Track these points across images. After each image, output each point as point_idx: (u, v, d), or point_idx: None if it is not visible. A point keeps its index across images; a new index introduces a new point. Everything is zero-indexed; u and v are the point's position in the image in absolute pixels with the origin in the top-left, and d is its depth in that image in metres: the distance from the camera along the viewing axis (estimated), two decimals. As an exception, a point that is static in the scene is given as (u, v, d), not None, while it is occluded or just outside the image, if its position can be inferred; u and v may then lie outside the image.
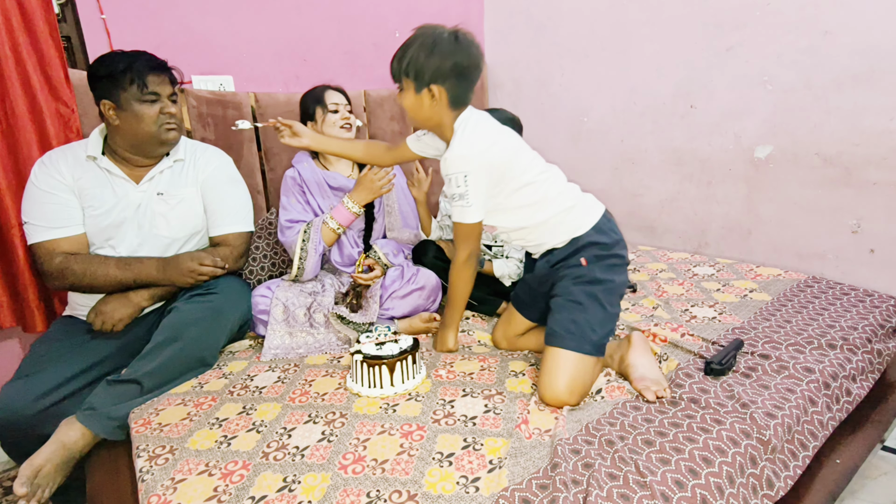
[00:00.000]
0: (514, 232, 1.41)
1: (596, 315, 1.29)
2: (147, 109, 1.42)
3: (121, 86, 1.38)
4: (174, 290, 1.51)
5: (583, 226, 1.35)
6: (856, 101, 1.80)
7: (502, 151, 1.30)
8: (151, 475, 1.07)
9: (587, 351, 1.26)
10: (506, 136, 1.34)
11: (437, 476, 1.02)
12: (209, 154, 1.64)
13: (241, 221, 1.64)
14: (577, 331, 1.27)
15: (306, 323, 1.60)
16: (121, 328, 1.45)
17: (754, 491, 1.03)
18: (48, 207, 1.42)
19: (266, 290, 1.66)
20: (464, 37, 1.26)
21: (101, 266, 1.42)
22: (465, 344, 1.55)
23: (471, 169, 1.26)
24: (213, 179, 1.60)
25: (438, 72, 1.24)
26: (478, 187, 1.28)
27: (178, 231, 1.54)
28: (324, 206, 1.82)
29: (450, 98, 1.28)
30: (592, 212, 1.38)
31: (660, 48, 2.25)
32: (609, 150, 2.53)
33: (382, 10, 2.44)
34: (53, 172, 1.43)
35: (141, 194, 1.50)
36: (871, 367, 1.41)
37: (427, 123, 1.36)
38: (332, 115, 1.78)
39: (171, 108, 1.46)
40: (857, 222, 1.88)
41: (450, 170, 1.28)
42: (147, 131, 1.43)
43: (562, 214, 1.35)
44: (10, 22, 1.49)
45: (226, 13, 2.04)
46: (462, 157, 1.27)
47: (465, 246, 1.37)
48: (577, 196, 1.39)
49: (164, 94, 1.44)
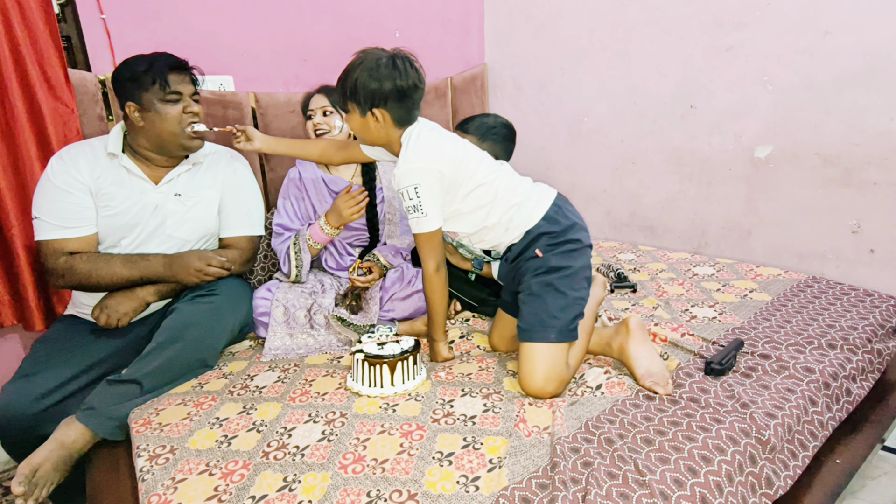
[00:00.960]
0: (474, 235, 1.45)
1: (555, 303, 1.32)
2: (170, 109, 1.43)
3: (143, 87, 1.40)
4: (179, 288, 1.51)
5: (533, 217, 1.38)
6: (856, 101, 1.80)
7: (450, 158, 1.33)
8: (152, 475, 1.07)
9: (553, 339, 1.28)
10: (450, 143, 1.37)
11: (437, 475, 1.02)
12: (228, 157, 1.66)
13: (253, 225, 1.65)
14: (538, 323, 1.31)
15: (307, 324, 1.60)
16: (125, 322, 1.45)
17: (753, 490, 1.03)
18: (62, 206, 1.41)
19: (266, 292, 1.67)
20: (402, 60, 1.31)
21: (107, 264, 1.42)
22: (464, 350, 1.55)
23: (420, 180, 1.30)
24: (230, 181, 1.62)
25: (379, 96, 1.29)
26: (430, 196, 1.31)
27: (190, 233, 1.55)
28: (320, 209, 1.81)
29: (394, 119, 1.33)
30: (542, 201, 1.41)
31: (660, 48, 2.25)
32: (609, 150, 2.53)
33: (382, 10, 2.44)
34: (72, 170, 1.42)
35: (160, 195, 1.51)
36: (871, 367, 1.41)
37: (377, 143, 1.41)
38: (309, 122, 1.78)
39: (194, 108, 1.47)
40: (857, 222, 1.88)
41: (401, 184, 1.33)
42: (171, 131, 1.44)
43: (511, 210, 1.38)
44: (10, 22, 1.49)
45: (226, 13, 2.04)
46: (409, 171, 1.31)
47: (431, 256, 1.39)
48: (526, 190, 1.42)
49: (186, 93, 1.45)
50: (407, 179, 1.31)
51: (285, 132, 2.12)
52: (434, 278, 1.41)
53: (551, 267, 1.35)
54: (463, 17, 2.76)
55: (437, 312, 1.45)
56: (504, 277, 1.53)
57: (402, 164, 1.32)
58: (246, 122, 2.03)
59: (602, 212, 2.64)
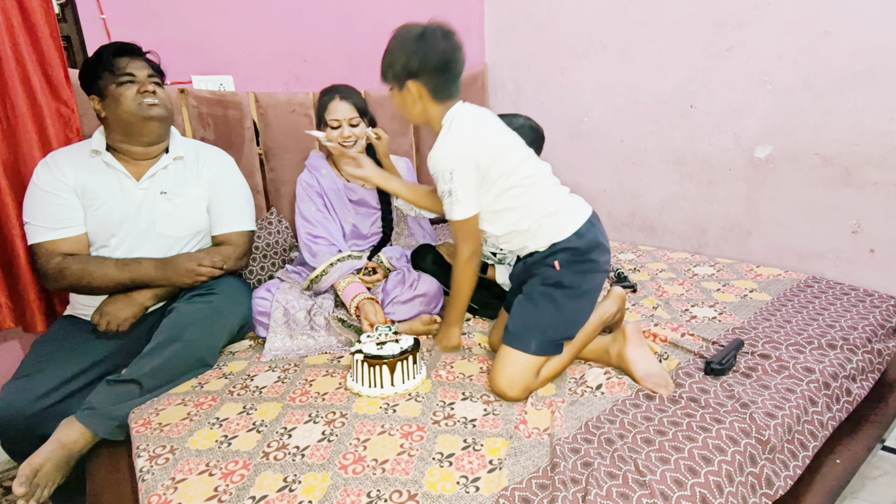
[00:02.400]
0: (502, 237, 1.42)
1: (549, 317, 1.31)
2: (124, 90, 1.43)
3: (97, 76, 1.42)
4: (177, 291, 1.52)
5: (563, 231, 1.35)
6: (856, 101, 1.80)
7: (488, 149, 1.28)
8: (152, 475, 1.07)
9: (531, 350, 1.28)
10: (494, 133, 1.33)
11: (437, 476, 1.02)
12: (212, 153, 1.65)
13: (245, 221, 1.65)
14: (524, 330, 1.30)
15: (307, 325, 1.60)
16: (126, 328, 1.46)
17: (753, 490, 1.03)
18: (49, 208, 1.42)
19: (266, 293, 1.66)
20: (433, 32, 1.28)
21: (99, 267, 1.43)
22: (465, 346, 1.55)
23: (455, 165, 1.26)
24: (217, 178, 1.61)
25: (409, 69, 1.27)
26: (465, 183, 1.27)
27: (182, 230, 1.55)
28: (342, 217, 1.81)
29: (430, 92, 1.29)
30: (577, 216, 1.37)
31: (660, 48, 2.25)
32: (609, 150, 2.53)
33: (382, 10, 2.44)
34: (56, 173, 1.43)
35: (142, 192, 1.51)
36: (871, 367, 1.41)
37: (417, 119, 1.36)
38: (333, 132, 1.70)
39: (148, 87, 1.46)
40: (857, 222, 1.88)
41: (436, 167, 1.29)
42: (128, 110, 1.43)
43: (543, 219, 1.35)
44: (10, 22, 1.49)
45: (226, 13, 2.04)
46: (446, 155, 1.28)
47: (466, 244, 1.36)
48: (561, 200, 1.38)
49: (139, 75, 1.45)
50: (442, 163, 1.28)
51: (285, 132, 2.12)
52: (466, 266, 1.38)
53: (561, 282, 1.33)
54: (463, 17, 2.76)
55: (461, 298, 1.43)
56: (515, 278, 1.50)
57: (439, 148, 1.29)
58: (246, 123, 2.03)
59: (602, 212, 2.64)
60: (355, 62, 2.41)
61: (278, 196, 2.16)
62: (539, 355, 1.29)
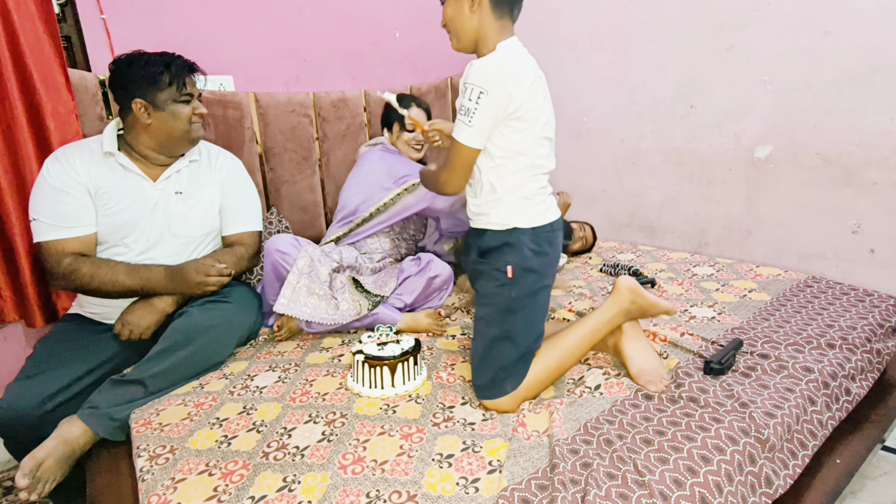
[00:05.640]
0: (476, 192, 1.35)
1: (508, 355, 1.28)
2: (183, 109, 1.47)
3: (159, 86, 1.42)
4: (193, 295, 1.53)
5: (523, 219, 1.29)
6: (856, 101, 1.80)
7: (526, 89, 1.21)
8: (152, 475, 1.07)
9: (509, 391, 1.26)
10: (541, 85, 1.28)
11: (436, 477, 1.02)
12: (223, 156, 1.68)
13: (256, 221, 1.69)
14: (492, 381, 1.27)
15: (326, 282, 1.60)
16: (148, 336, 1.45)
17: (753, 489, 1.03)
18: (61, 206, 1.41)
19: (293, 240, 1.65)
20: None
21: (110, 272, 1.41)
22: (465, 346, 1.55)
23: (489, 87, 1.17)
24: (229, 180, 1.64)
25: None
26: (486, 112, 1.19)
27: (196, 230, 1.56)
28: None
29: (491, 5, 1.22)
30: (545, 215, 1.32)
31: (660, 48, 2.25)
32: (609, 150, 2.53)
33: (382, 10, 2.44)
34: (69, 170, 1.42)
35: (158, 192, 1.51)
36: (870, 367, 1.41)
37: (468, 35, 1.27)
38: (408, 134, 1.87)
39: (201, 109, 1.51)
40: (857, 222, 1.88)
41: (469, 78, 1.20)
42: (181, 129, 1.48)
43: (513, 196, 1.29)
44: (10, 22, 1.49)
45: (226, 13, 2.04)
46: (488, 70, 1.18)
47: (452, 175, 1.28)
48: (539, 190, 1.32)
49: (195, 94, 1.50)
50: (478, 77, 1.18)
51: (285, 132, 2.12)
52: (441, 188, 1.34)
53: (510, 308, 1.29)
54: (463, 16, 2.75)
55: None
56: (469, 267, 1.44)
57: (486, 60, 1.20)
58: (246, 123, 2.03)
59: (602, 212, 2.64)
60: (355, 62, 2.41)
61: (278, 196, 2.16)
62: (516, 389, 1.27)
